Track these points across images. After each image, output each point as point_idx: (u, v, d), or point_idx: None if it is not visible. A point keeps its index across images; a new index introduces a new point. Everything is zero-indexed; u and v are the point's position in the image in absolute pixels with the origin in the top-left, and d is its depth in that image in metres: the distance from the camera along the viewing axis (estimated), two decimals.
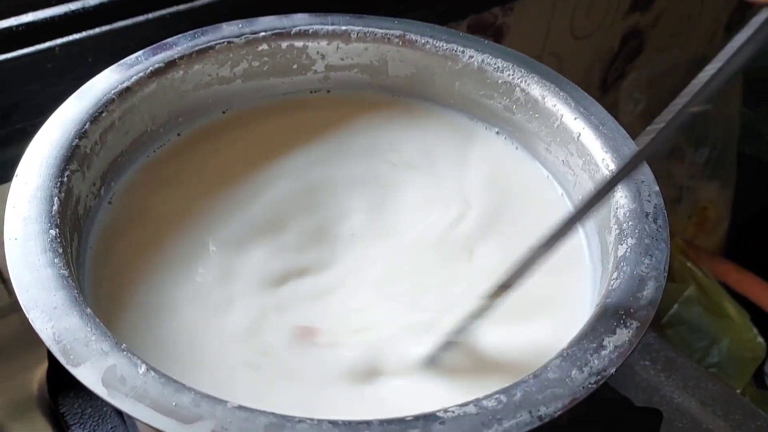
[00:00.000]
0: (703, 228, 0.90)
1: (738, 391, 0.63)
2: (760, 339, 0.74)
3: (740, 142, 0.93)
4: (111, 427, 0.44)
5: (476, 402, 0.26)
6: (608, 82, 0.97)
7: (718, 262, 0.84)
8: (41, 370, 0.48)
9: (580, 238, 0.39)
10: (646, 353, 0.53)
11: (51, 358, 0.48)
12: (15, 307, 0.52)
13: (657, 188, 0.35)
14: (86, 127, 0.36)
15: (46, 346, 0.47)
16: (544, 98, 0.41)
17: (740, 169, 0.92)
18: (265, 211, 0.40)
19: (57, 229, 0.31)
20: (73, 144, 0.35)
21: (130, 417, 0.44)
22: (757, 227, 0.94)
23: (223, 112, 0.44)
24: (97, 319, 0.28)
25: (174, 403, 0.25)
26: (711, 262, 0.83)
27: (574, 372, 0.27)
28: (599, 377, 0.27)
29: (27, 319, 0.55)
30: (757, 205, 0.93)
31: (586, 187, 0.39)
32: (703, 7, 1.01)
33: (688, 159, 0.88)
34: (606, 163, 0.37)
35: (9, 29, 0.46)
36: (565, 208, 0.41)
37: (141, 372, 0.26)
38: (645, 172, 0.36)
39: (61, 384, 0.46)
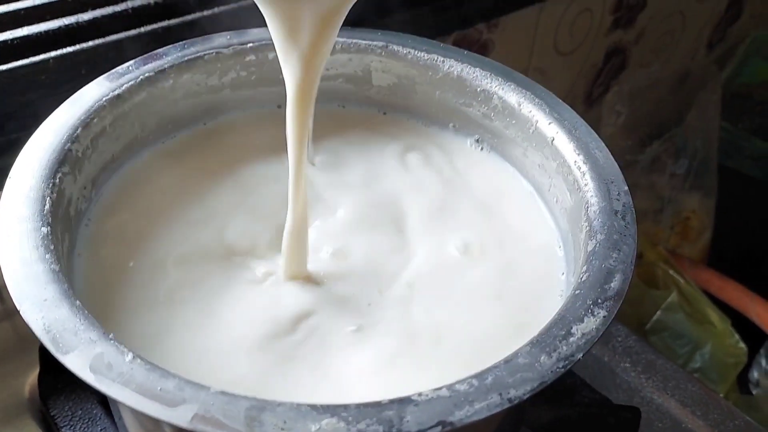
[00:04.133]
0: (687, 237, 0.91)
1: (721, 395, 0.64)
2: (742, 344, 0.75)
3: (721, 156, 0.94)
4: (101, 429, 0.45)
5: (449, 386, 0.27)
6: (593, 97, 0.98)
7: (701, 270, 0.85)
8: (33, 376, 0.49)
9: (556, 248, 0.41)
10: (627, 356, 0.54)
11: (42, 362, 0.49)
12: (7, 314, 0.54)
13: (626, 188, 0.37)
14: (78, 131, 0.37)
15: (37, 352, 0.48)
16: (520, 105, 0.42)
17: (721, 180, 0.93)
18: (254, 217, 0.41)
19: (48, 227, 0.32)
20: (66, 148, 0.36)
21: (120, 419, 0.45)
22: (739, 236, 0.95)
23: (212, 122, 0.46)
24: (86, 311, 0.29)
25: (159, 388, 0.27)
26: (694, 270, 0.84)
27: (543, 357, 0.28)
28: (567, 362, 0.28)
29: (19, 327, 0.55)
30: (739, 214, 0.95)
31: (561, 189, 0.40)
32: (685, 25, 1.04)
33: (669, 170, 0.90)
34: (578, 165, 0.39)
35: (4, 42, 0.47)
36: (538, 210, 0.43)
37: (128, 359, 0.27)
38: (614, 173, 0.38)
39: (52, 388, 0.47)
